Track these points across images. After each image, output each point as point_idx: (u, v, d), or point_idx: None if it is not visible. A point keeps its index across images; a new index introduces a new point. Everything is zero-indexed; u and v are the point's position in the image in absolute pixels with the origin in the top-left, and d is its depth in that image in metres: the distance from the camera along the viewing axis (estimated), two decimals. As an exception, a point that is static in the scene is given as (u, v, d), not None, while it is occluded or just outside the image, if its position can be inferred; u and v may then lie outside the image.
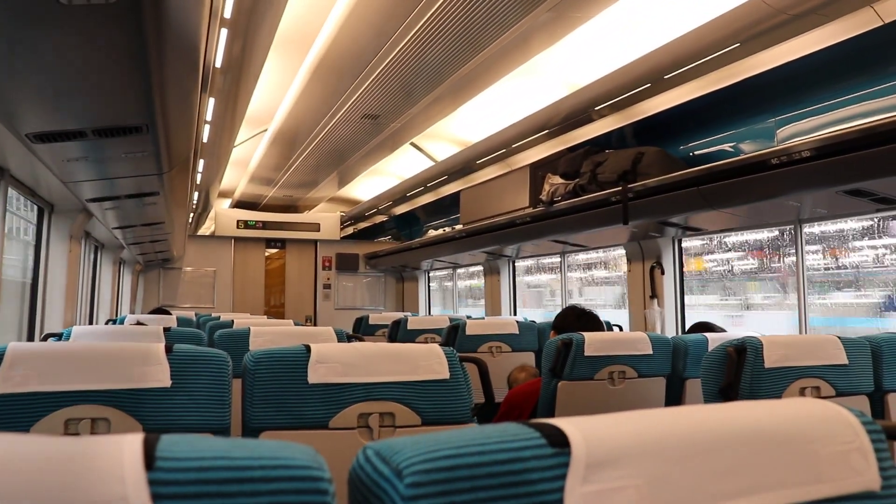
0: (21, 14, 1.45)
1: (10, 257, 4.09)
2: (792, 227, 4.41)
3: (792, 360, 2.09)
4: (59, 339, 2.89)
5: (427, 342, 3.99)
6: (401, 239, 11.22)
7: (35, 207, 4.61)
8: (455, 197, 7.82)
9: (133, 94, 2.12)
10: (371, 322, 6.04)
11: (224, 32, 3.07)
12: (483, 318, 5.98)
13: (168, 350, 1.72)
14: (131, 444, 0.55)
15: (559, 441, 0.62)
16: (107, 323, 6.43)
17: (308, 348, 1.77)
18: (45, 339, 3.48)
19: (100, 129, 2.39)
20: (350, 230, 11.75)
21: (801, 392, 2.10)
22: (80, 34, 1.59)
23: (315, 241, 11.59)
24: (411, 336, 4.88)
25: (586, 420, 0.65)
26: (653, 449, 0.63)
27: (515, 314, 7.77)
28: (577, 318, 3.09)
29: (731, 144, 4.65)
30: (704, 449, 0.65)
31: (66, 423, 1.63)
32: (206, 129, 4.73)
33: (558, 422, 0.64)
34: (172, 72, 2.03)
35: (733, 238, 5.22)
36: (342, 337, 2.91)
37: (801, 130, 4.05)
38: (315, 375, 1.74)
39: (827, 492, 0.69)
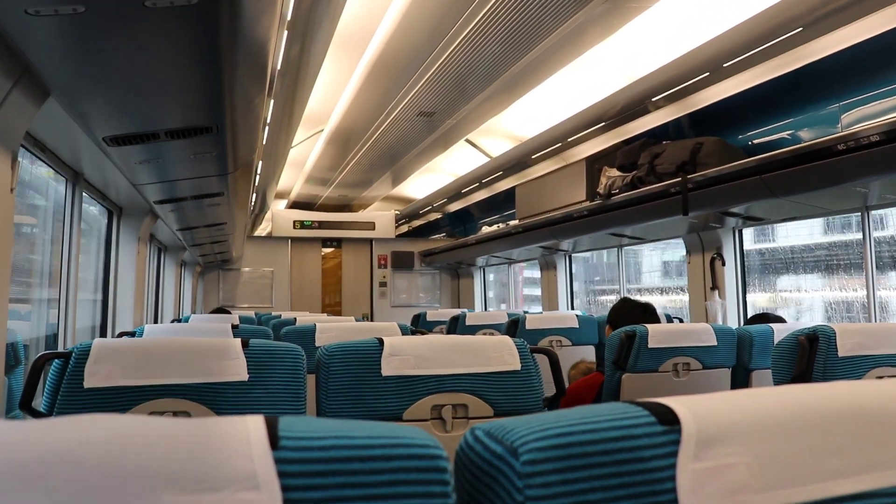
0: (104, 16, 1.49)
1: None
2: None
3: (867, 348, 2.03)
4: (133, 337, 2.96)
5: (487, 337, 3.99)
6: (455, 236, 11.23)
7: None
8: (510, 193, 7.80)
9: (205, 94, 2.17)
10: (429, 318, 6.06)
11: (284, 34, 3.11)
12: (542, 313, 5.96)
13: (245, 345, 1.76)
14: (256, 424, 0.57)
15: (669, 419, 0.62)
16: (172, 322, 6.57)
17: (381, 341, 1.79)
18: (119, 337, 3.57)
19: (172, 130, 2.45)
20: (405, 228, 11.81)
21: (879, 381, 2.04)
22: (159, 36, 1.64)
23: (370, 240, 11.67)
24: (470, 332, 4.88)
25: (693, 398, 0.65)
26: (762, 426, 0.63)
27: (573, 308, 7.72)
28: (632, 310, 3.07)
29: (791, 132, 4.56)
30: (814, 426, 0.64)
31: (149, 415, 1.68)
32: (266, 131, 4.80)
33: (666, 400, 0.64)
34: (243, 73, 2.08)
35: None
36: (406, 331, 2.93)
37: (868, 115, 3.94)
38: (388, 368, 1.76)
39: None
